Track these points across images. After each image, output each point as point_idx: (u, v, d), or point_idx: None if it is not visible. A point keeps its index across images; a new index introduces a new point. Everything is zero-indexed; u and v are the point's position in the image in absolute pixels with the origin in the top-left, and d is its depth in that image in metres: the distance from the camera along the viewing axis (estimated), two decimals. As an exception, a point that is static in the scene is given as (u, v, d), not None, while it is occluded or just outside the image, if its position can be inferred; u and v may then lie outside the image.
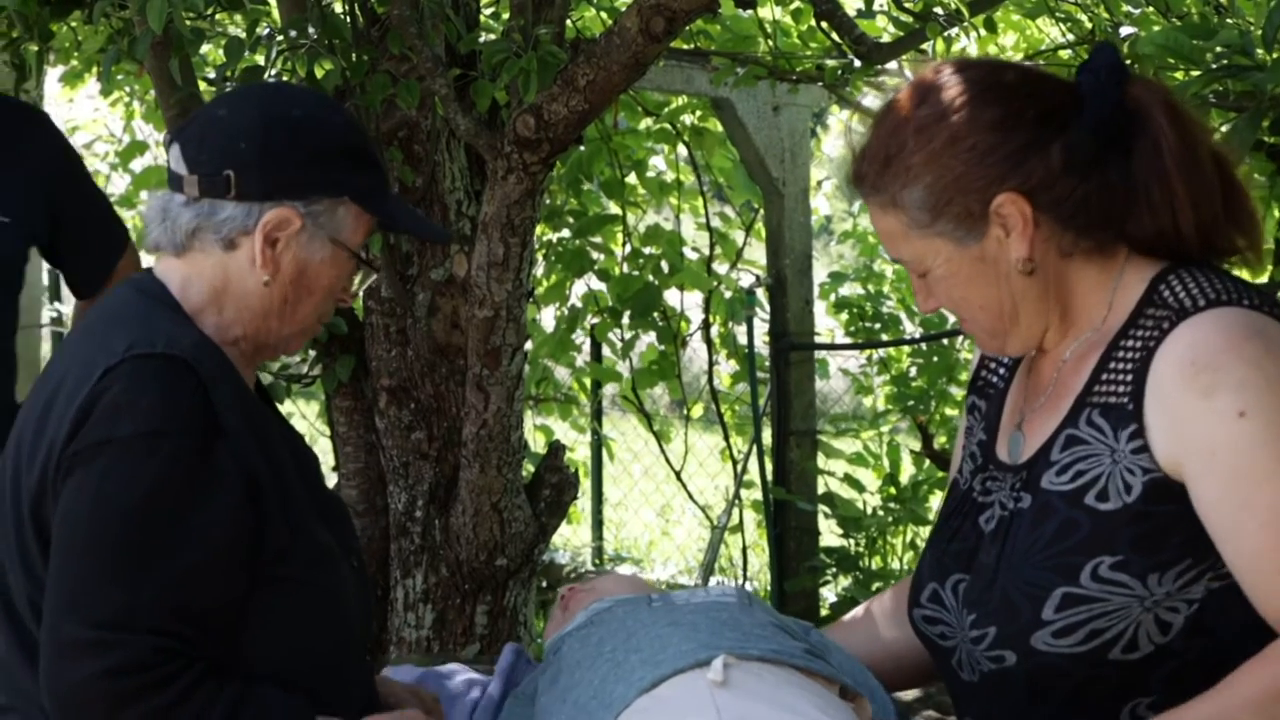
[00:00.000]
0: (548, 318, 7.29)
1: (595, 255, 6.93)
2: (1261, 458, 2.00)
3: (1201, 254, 2.18)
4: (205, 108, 2.50)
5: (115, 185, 8.87)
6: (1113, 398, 2.12)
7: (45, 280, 10.15)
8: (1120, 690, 2.10)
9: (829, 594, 7.28)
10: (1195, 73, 3.54)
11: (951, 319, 7.48)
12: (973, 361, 2.48)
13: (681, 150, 7.19)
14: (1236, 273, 2.23)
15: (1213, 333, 2.07)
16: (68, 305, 10.65)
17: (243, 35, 4.26)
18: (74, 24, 5.33)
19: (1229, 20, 4.27)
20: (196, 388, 2.18)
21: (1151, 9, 4.80)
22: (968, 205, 2.13)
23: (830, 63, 5.50)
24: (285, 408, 4.97)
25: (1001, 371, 2.39)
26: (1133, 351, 2.13)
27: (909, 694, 2.83)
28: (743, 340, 7.35)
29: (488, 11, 5.29)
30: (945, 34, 5.18)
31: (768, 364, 7.37)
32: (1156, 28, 4.42)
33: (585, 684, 2.24)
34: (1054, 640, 2.10)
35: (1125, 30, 4.69)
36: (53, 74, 7.06)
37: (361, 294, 4.28)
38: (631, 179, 6.99)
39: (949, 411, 7.26)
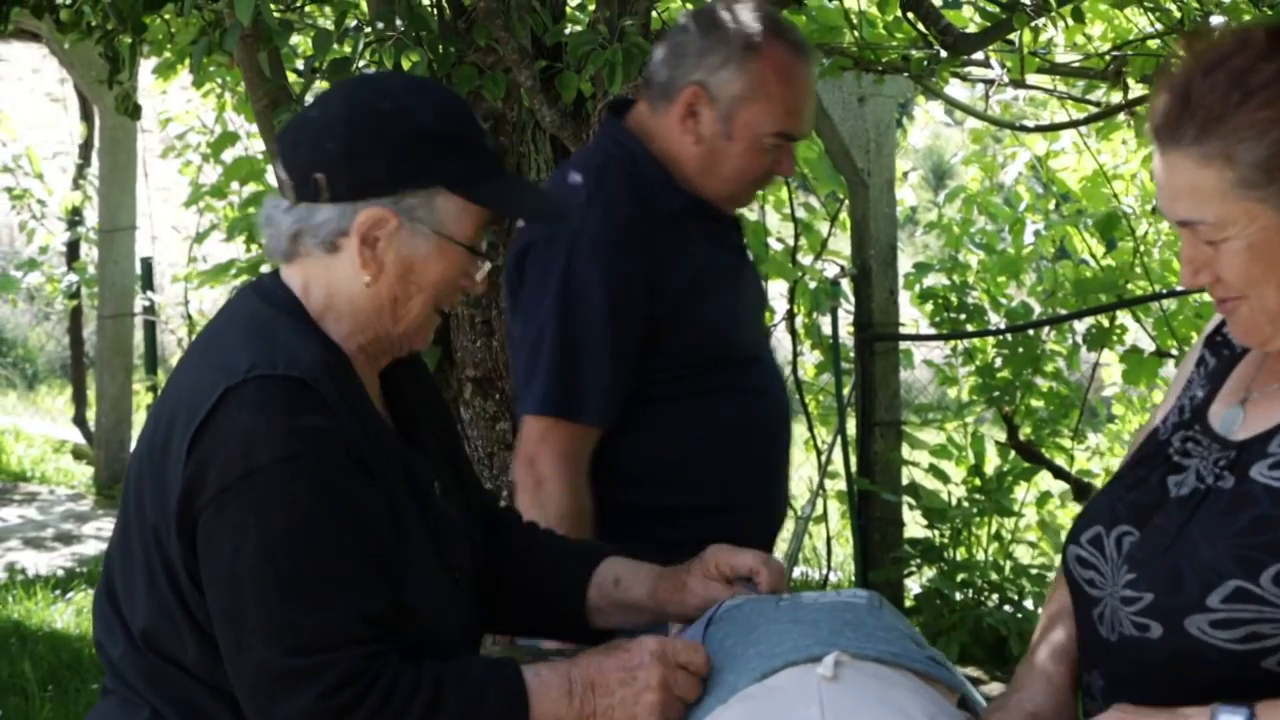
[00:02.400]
0: (632, 307, 7.29)
1: (680, 245, 6.92)
2: None
3: None
4: (304, 109, 2.47)
5: (207, 176, 8.96)
6: None
7: (137, 269, 10.29)
8: (1262, 700, 2.01)
9: (913, 585, 7.26)
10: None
11: (1037, 309, 7.45)
12: (1215, 319, 2.36)
13: (766, 141, 7.16)
14: None
15: None
16: (160, 295, 10.78)
17: (331, 27, 4.31)
18: (166, 16, 5.40)
19: (1321, 10, 4.23)
20: (321, 407, 2.17)
21: (1247, -2, 4.76)
22: None
23: (916, 53, 5.48)
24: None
25: None
26: None
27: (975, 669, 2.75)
28: (827, 331, 7.34)
29: (574, 3, 5.31)
30: (1032, 24, 5.16)
31: (852, 354, 7.35)
32: (1247, 17, 4.38)
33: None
34: (1210, 629, 2.02)
35: (1216, 19, 4.65)
36: (146, 66, 7.14)
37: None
38: (716, 169, 6.98)
39: (1034, 403, 7.22)
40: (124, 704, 2.31)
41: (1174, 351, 6.76)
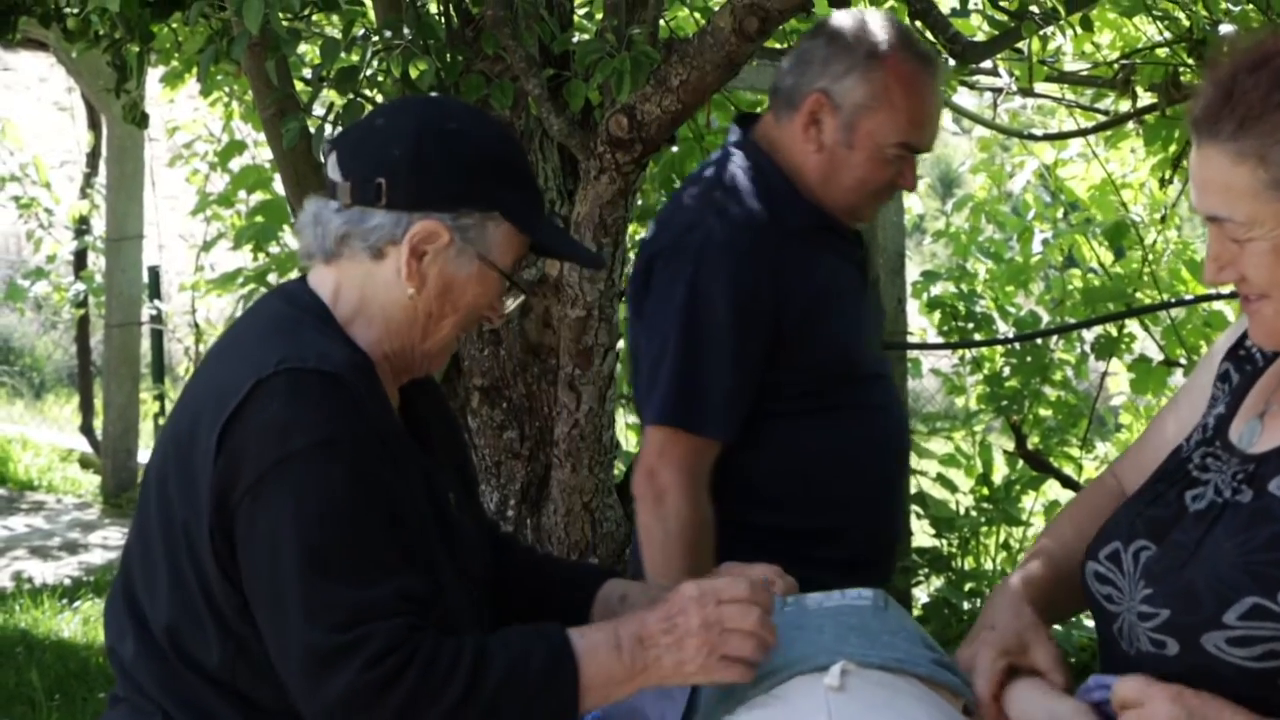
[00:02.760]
0: (640, 317, 7.28)
1: (688, 254, 6.91)
2: None
3: None
4: (365, 117, 2.51)
5: (214, 184, 8.96)
6: None
7: (145, 278, 10.29)
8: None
9: (921, 594, 7.24)
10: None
11: (1045, 318, 7.44)
12: (1234, 328, 2.35)
13: (774, 149, 7.16)
14: None
15: None
16: (167, 303, 10.78)
17: (339, 36, 4.30)
18: (174, 25, 5.40)
19: (1331, 18, 4.22)
20: (353, 400, 2.20)
21: (1251, 6, 4.75)
22: None
23: (924, 62, 5.46)
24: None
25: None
26: None
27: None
28: (835, 339, 7.32)
29: (581, 11, 5.31)
30: (1041, 32, 5.14)
31: (860, 363, 7.33)
32: (1256, 26, 4.37)
33: (709, 685, 2.26)
34: (1227, 647, 2.01)
35: (1225, 29, 4.64)
36: (153, 74, 7.15)
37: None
38: (724, 178, 6.97)
39: (1042, 412, 7.21)
40: (135, 711, 2.31)
41: (1182, 361, 6.75)
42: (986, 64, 5.89)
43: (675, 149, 6.46)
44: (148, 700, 2.28)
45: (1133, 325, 7.11)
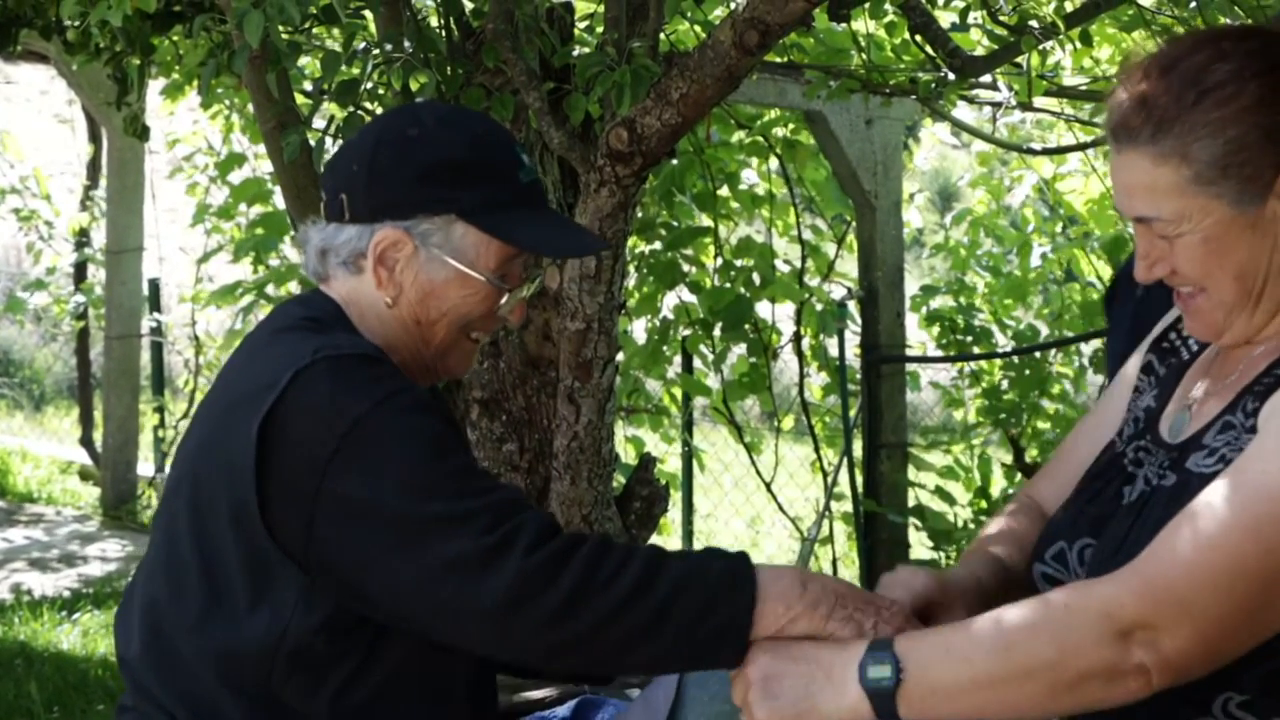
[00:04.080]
0: (639, 329, 7.31)
1: (687, 267, 6.94)
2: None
3: None
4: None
5: (214, 197, 8.97)
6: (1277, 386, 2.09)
7: (145, 290, 10.29)
8: (1215, 681, 2.03)
9: (919, 608, 7.24)
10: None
11: (1044, 332, 7.45)
12: (1162, 321, 2.42)
13: (774, 163, 7.19)
14: None
15: None
16: (167, 315, 10.79)
17: (339, 49, 4.31)
18: (175, 38, 5.40)
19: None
20: (393, 368, 2.23)
21: (1250, 22, 4.75)
22: (1259, 168, 2.08)
23: (924, 76, 5.48)
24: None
25: (1192, 343, 2.34)
26: None
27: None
28: (834, 352, 7.34)
29: (582, 25, 5.32)
30: (1040, 47, 5.16)
31: (858, 376, 7.35)
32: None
33: None
34: None
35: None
36: (154, 87, 7.16)
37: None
38: (724, 191, 7.00)
39: (1040, 425, 7.22)
40: (143, 719, 2.30)
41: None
42: (986, 78, 5.90)
43: (675, 162, 6.47)
44: (157, 708, 2.27)
45: (1131, 339, 7.11)
